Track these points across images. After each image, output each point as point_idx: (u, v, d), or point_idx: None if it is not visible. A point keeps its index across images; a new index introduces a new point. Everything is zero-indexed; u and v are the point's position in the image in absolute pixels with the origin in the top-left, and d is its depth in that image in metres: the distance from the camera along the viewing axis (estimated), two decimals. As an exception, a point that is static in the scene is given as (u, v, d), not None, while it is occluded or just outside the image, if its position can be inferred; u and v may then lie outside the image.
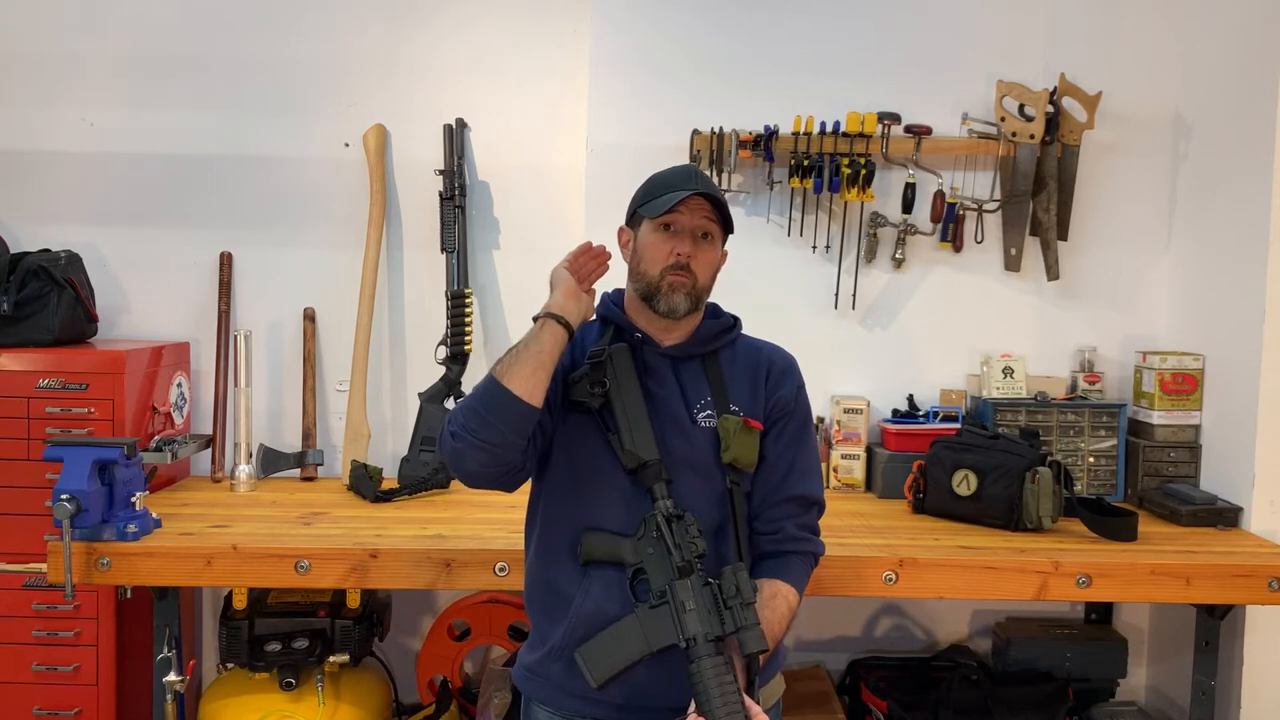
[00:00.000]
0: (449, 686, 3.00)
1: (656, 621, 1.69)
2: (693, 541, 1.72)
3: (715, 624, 1.66)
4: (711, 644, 1.64)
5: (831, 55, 3.09)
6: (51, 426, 2.72)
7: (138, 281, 3.18)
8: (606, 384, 1.82)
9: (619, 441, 1.80)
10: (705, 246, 1.85)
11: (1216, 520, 2.74)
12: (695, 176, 1.87)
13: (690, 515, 1.74)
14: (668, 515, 1.74)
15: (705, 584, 1.69)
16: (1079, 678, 3.00)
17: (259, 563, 2.39)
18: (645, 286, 1.85)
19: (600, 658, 1.72)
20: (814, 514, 1.93)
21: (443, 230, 3.07)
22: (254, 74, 3.14)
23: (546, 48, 3.15)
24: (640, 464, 1.78)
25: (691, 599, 1.67)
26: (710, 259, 1.87)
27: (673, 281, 1.82)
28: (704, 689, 1.61)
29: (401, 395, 3.20)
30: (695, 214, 1.84)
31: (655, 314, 1.86)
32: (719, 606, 1.67)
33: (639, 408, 1.81)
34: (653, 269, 1.84)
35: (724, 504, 1.83)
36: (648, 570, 1.73)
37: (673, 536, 1.72)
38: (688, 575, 1.69)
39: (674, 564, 1.70)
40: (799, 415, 1.93)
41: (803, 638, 3.23)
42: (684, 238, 1.83)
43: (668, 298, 1.83)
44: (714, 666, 1.62)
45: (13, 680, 2.74)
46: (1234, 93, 2.87)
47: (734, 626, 1.65)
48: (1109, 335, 3.16)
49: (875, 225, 3.09)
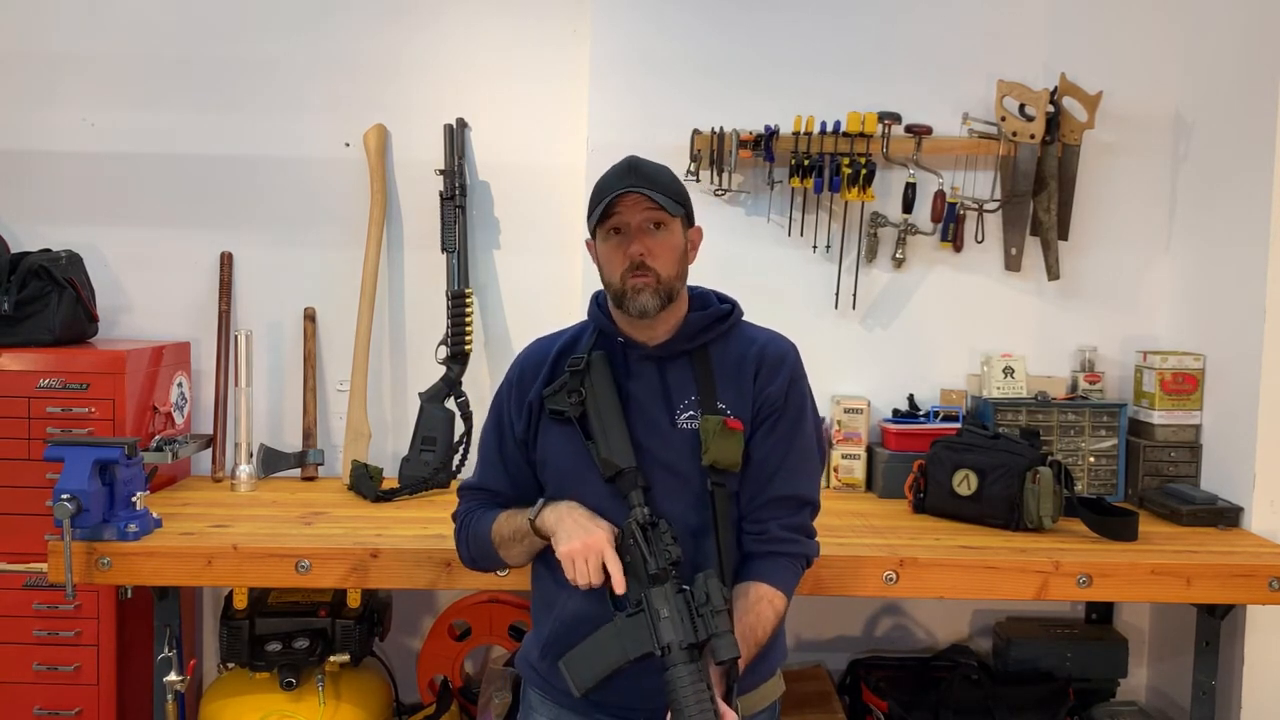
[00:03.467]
0: (449, 686, 3.00)
1: (633, 630, 1.68)
2: (666, 549, 1.70)
3: (689, 631, 1.65)
4: (685, 651, 1.64)
5: (832, 55, 3.09)
6: (52, 426, 2.72)
7: (138, 281, 3.18)
8: (583, 393, 1.82)
9: (596, 450, 1.80)
10: (660, 236, 1.81)
11: (1217, 520, 2.74)
12: (630, 172, 1.81)
13: (664, 523, 1.73)
14: (642, 523, 1.73)
15: (679, 591, 1.68)
16: (1079, 677, 3.00)
17: (259, 562, 2.39)
18: (614, 294, 1.84)
19: (582, 667, 1.71)
20: (805, 514, 1.89)
21: (443, 230, 3.07)
22: (254, 74, 3.14)
23: (546, 48, 3.15)
24: (617, 471, 1.78)
25: (666, 607, 1.66)
26: (669, 247, 1.82)
27: (635, 284, 1.80)
28: (678, 697, 1.61)
29: (402, 395, 3.20)
30: (636, 210, 1.80)
31: (629, 316, 1.85)
32: (692, 614, 1.66)
33: (615, 415, 1.81)
34: (614, 276, 1.82)
35: (704, 507, 1.81)
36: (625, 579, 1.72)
37: (647, 545, 1.71)
38: (662, 583, 1.68)
39: (648, 572, 1.70)
40: (791, 411, 1.87)
41: (803, 638, 3.23)
42: (633, 237, 1.80)
43: (634, 300, 1.80)
44: (689, 674, 1.61)
45: (13, 680, 2.74)
46: (1234, 93, 2.87)
47: (706, 634, 1.65)
48: (1109, 335, 3.16)
49: (876, 225, 3.09)
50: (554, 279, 3.15)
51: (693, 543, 1.79)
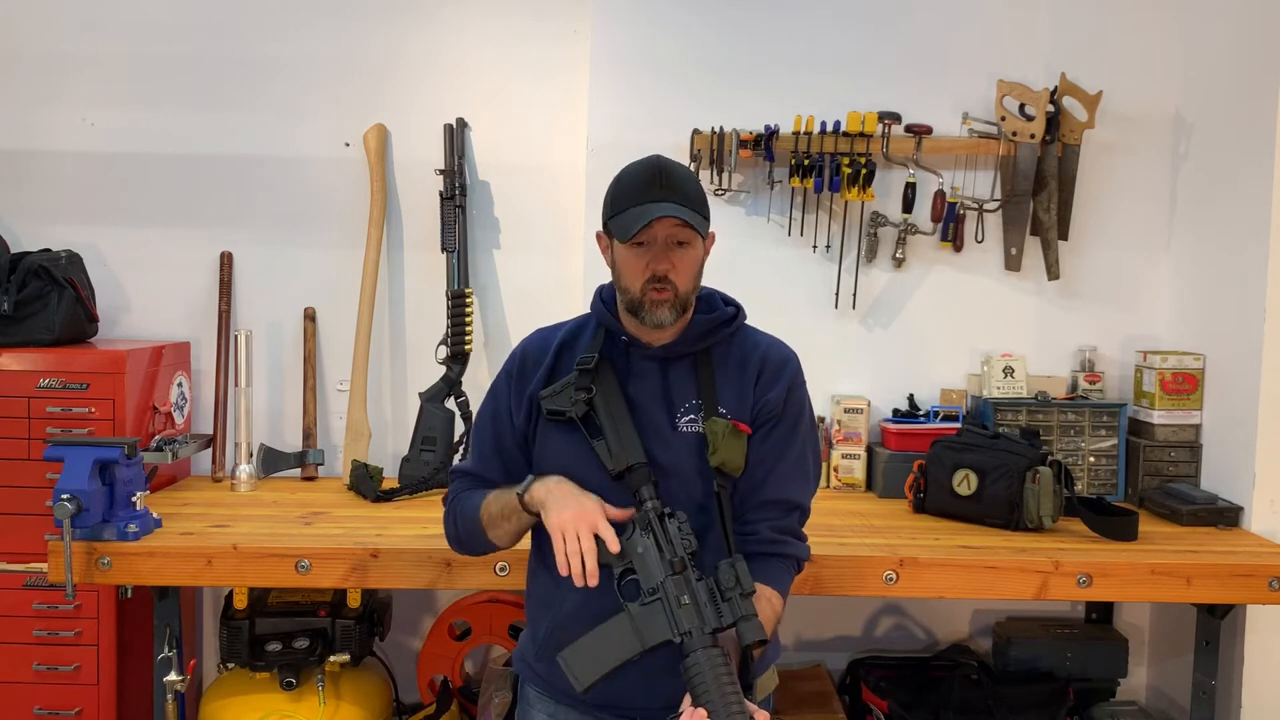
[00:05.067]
0: (449, 686, 3.00)
1: (649, 618, 1.68)
2: (686, 538, 1.72)
3: (713, 616, 1.66)
4: (708, 636, 1.65)
5: (832, 55, 3.09)
6: (52, 426, 2.72)
7: (138, 281, 3.18)
8: (593, 390, 1.83)
9: (605, 446, 1.80)
10: (682, 253, 1.81)
11: (1217, 520, 2.74)
12: (659, 181, 1.79)
13: (682, 513, 1.75)
14: (660, 514, 1.74)
15: (700, 579, 1.69)
16: (1079, 677, 3.00)
17: (259, 562, 2.39)
18: (629, 301, 1.84)
19: (586, 660, 1.70)
20: (794, 518, 1.89)
21: (443, 230, 3.07)
22: (254, 74, 3.14)
23: (546, 47, 3.15)
24: (628, 467, 1.78)
25: (686, 594, 1.68)
26: (690, 262, 1.82)
27: (654, 298, 1.80)
28: (701, 681, 1.61)
29: (402, 395, 3.20)
30: (664, 225, 1.79)
31: (643, 325, 1.85)
32: (716, 599, 1.67)
33: (624, 413, 1.82)
34: (632, 285, 1.82)
35: (704, 509, 1.82)
36: (637, 570, 1.73)
37: (665, 534, 1.72)
38: (681, 571, 1.70)
39: (667, 560, 1.70)
40: (788, 418, 1.89)
41: (803, 637, 3.23)
42: (658, 253, 1.80)
43: (652, 313, 1.81)
44: (710, 658, 1.62)
45: (13, 680, 2.74)
46: (1234, 92, 2.87)
47: (732, 618, 1.66)
48: (1109, 335, 3.16)
49: (876, 225, 3.09)
50: (554, 279, 3.15)
51: None
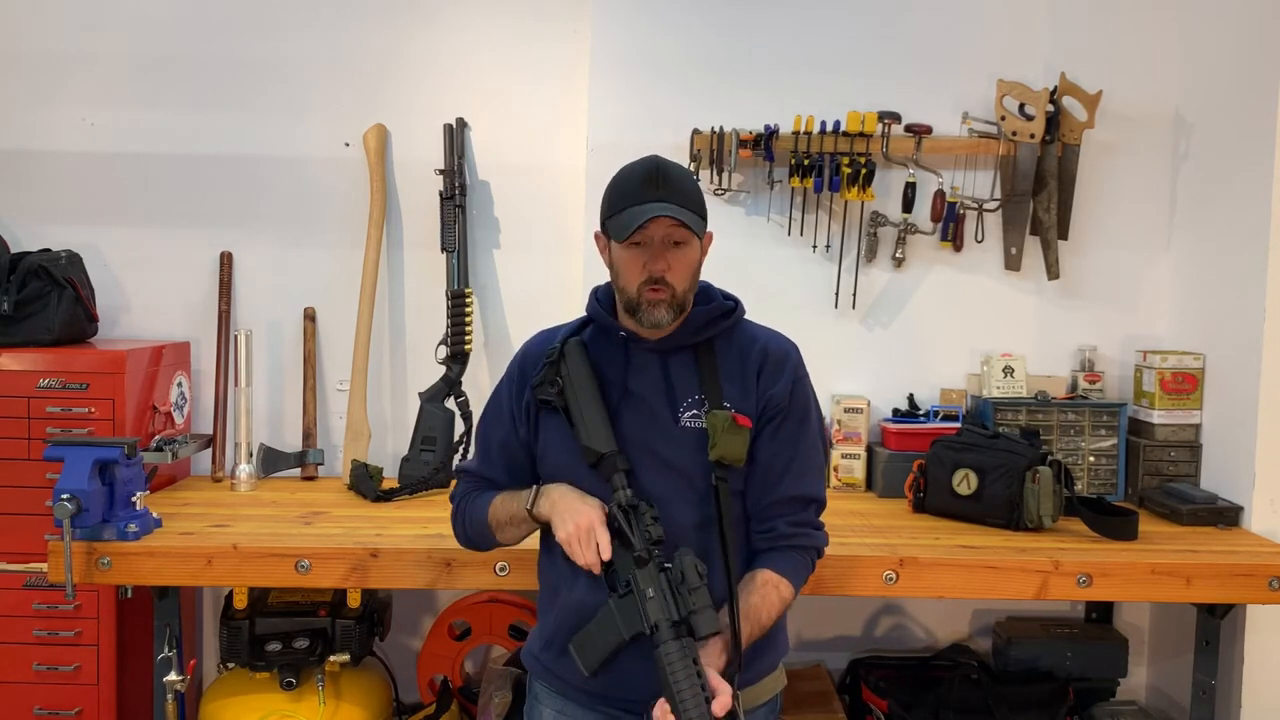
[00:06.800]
0: (449, 686, 3.00)
1: (627, 610, 1.74)
2: (647, 529, 1.75)
3: (673, 609, 1.70)
4: (673, 628, 1.68)
5: (832, 54, 3.09)
6: (52, 426, 2.72)
7: (138, 281, 3.18)
8: (559, 382, 1.85)
9: (578, 436, 1.83)
10: (681, 252, 1.81)
11: (1217, 519, 2.74)
12: (655, 181, 1.80)
13: (645, 504, 1.77)
14: (624, 506, 1.76)
15: (661, 570, 1.73)
16: (1079, 677, 3.00)
17: (259, 562, 2.39)
18: (627, 301, 1.85)
19: (588, 648, 1.78)
20: (812, 510, 1.91)
21: (443, 230, 3.07)
22: (254, 74, 3.14)
23: (546, 47, 3.15)
24: (598, 457, 1.80)
25: (652, 587, 1.72)
26: (686, 262, 1.83)
27: (650, 298, 1.81)
28: (668, 672, 1.66)
29: (402, 395, 3.20)
30: (660, 226, 1.79)
31: (641, 325, 1.86)
32: (674, 591, 1.71)
33: (592, 401, 1.83)
34: (630, 286, 1.83)
35: (707, 504, 1.83)
36: (615, 561, 1.77)
37: (629, 526, 1.75)
38: (645, 564, 1.73)
39: (634, 553, 1.74)
40: (796, 411, 1.89)
41: (803, 637, 3.23)
42: (655, 253, 1.80)
43: (649, 313, 1.82)
44: (677, 650, 1.67)
45: (13, 680, 2.74)
46: (1234, 92, 2.87)
47: (685, 611, 1.69)
48: (1109, 335, 3.16)
49: (875, 225, 3.09)
50: (554, 279, 3.15)
51: (697, 538, 1.81)
